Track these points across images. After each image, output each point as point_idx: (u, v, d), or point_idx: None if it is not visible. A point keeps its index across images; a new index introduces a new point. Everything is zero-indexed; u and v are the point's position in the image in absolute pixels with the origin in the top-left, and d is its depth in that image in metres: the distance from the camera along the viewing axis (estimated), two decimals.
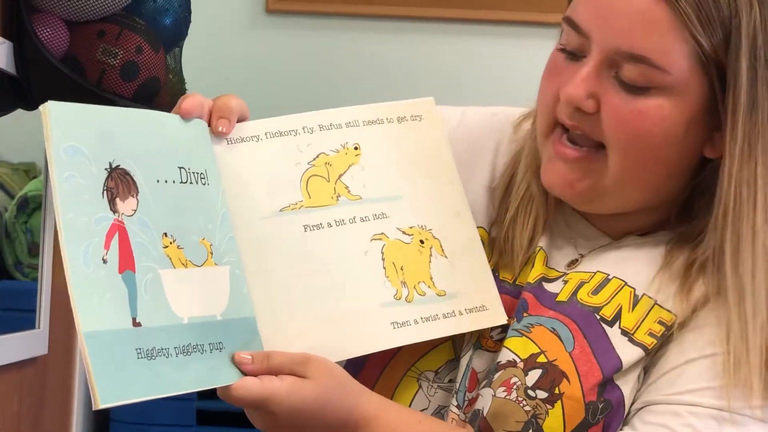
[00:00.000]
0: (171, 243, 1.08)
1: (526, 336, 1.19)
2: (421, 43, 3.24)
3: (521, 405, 1.15)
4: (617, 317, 1.18)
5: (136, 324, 1.03)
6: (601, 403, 1.15)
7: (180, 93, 2.01)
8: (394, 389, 1.24)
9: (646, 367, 1.18)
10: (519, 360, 1.17)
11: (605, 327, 1.18)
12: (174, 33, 1.96)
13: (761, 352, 1.12)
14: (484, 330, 1.23)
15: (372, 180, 1.22)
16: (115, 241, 1.03)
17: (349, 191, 1.21)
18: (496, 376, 1.18)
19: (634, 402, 1.17)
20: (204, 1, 2.31)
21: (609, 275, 1.21)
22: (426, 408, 1.24)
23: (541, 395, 1.15)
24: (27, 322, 2.05)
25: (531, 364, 1.17)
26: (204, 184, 1.13)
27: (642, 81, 1.14)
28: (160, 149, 1.10)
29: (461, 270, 1.23)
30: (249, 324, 1.12)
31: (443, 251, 1.23)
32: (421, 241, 1.22)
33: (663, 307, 1.18)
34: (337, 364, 1.14)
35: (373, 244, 1.20)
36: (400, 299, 1.19)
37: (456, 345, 1.24)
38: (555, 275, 1.24)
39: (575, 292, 1.21)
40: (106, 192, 1.04)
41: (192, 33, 2.03)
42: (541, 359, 1.17)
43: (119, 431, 2.76)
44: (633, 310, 1.19)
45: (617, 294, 1.20)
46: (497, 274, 1.26)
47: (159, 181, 1.09)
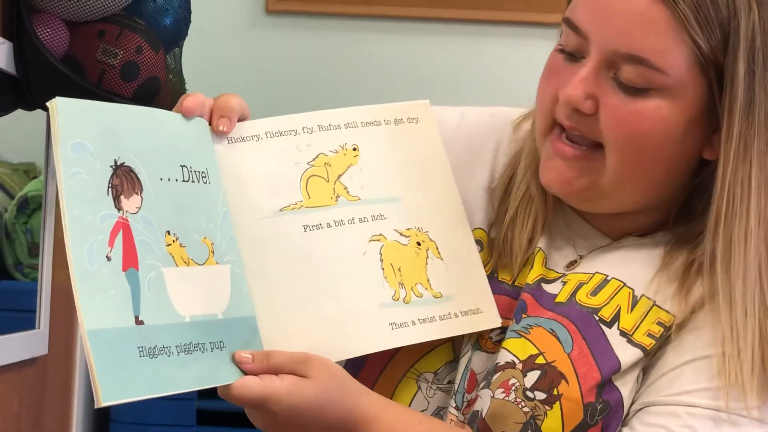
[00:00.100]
0: (174, 241, 1.08)
1: (524, 337, 1.19)
2: (421, 44, 3.24)
3: (520, 406, 1.15)
4: (616, 318, 1.18)
5: (138, 322, 1.02)
6: (600, 404, 1.15)
7: (180, 93, 2.01)
8: (393, 390, 1.24)
9: (644, 368, 1.18)
10: (518, 361, 1.17)
11: (604, 328, 1.18)
12: (174, 33, 1.96)
13: (753, 353, 1.12)
14: (483, 331, 1.23)
15: (370, 181, 1.22)
16: (119, 239, 1.03)
17: (348, 192, 1.21)
18: (494, 377, 1.18)
19: (633, 403, 1.17)
20: (204, 2, 2.31)
21: (608, 276, 1.21)
22: (425, 409, 1.23)
23: (540, 396, 1.15)
24: (27, 322, 2.05)
25: (530, 365, 1.17)
26: (205, 183, 1.13)
27: (640, 82, 1.14)
28: (162, 147, 1.10)
29: (457, 272, 1.23)
30: (249, 323, 1.12)
31: (439, 253, 1.23)
32: (418, 243, 1.22)
33: (662, 308, 1.18)
34: (337, 363, 1.14)
35: (372, 245, 1.20)
36: (398, 300, 1.19)
37: (455, 346, 1.24)
38: (554, 276, 1.24)
39: (574, 293, 1.21)
40: (110, 189, 1.04)
41: (192, 33, 2.03)
42: (540, 360, 1.17)
43: (119, 431, 2.76)
44: (632, 311, 1.19)
45: (616, 295, 1.20)
46: (496, 274, 1.26)
47: (162, 179, 1.09)
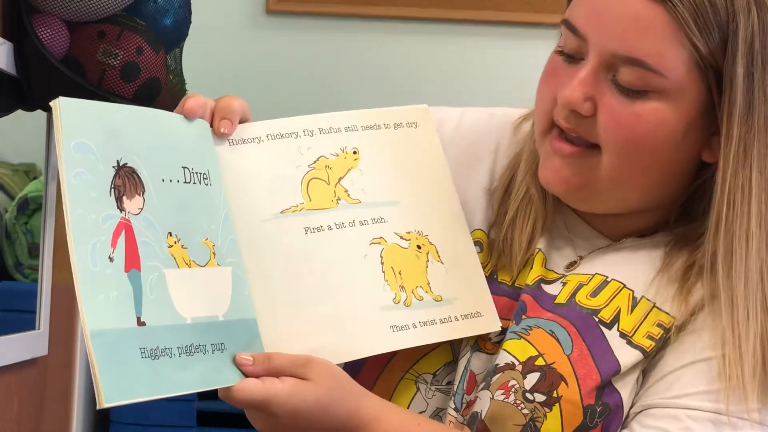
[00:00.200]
0: (175, 242, 1.08)
1: (524, 338, 1.19)
2: (421, 44, 3.23)
3: (519, 408, 1.15)
4: (616, 319, 1.18)
5: (140, 323, 1.02)
6: (600, 407, 1.15)
7: (180, 93, 2.01)
8: (392, 391, 1.24)
9: (644, 370, 1.18)
10: (517, 363, 1.17)
11: (604, 329, 1.18)
12: (174, 33, 1.97)
13: (755, 355, 1.12)
14: None
15: (370, 184, 1.22)
16: (122, 240, 1.03)
17: (349, 195, 1.21)
18: (494, 378, 1.18)
19: (632, 405, 1.17)
20: (204, 2, 2.31)
21: (608, 277, 1.21)
22: (424, 410, 1.23)
23: (539, 398, 1.15)
24: (27, 323, 2.05)
25: (529, 367, 1.17)
26: (207, 184, 1.13)
27: (639, 84, 1.14)
28: (164, 148, 1.10)
29: (456, 276, 1.23)
30: (250, 325, 1.12)
31: (439, 257, 1.23)
32: (418, 246, 1.23)
33: (662, 310, 1.18)
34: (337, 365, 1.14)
35: (372, 247, 1.20)
36: (398, 303, 1.19)
37: (454, 347, 1.24)
38: (554, 277, 1.24)
39: (574, 294, 1.21)
40: (113, 190, 1.04)
41: (192, 33, 2.03)
42: (540, 362, 1.17)
43: None
44: (632, 312, 1.19)
45: (616, 296, 1.20)
46: (496, 276, 1.26)
47: (164, 180, 1.09)
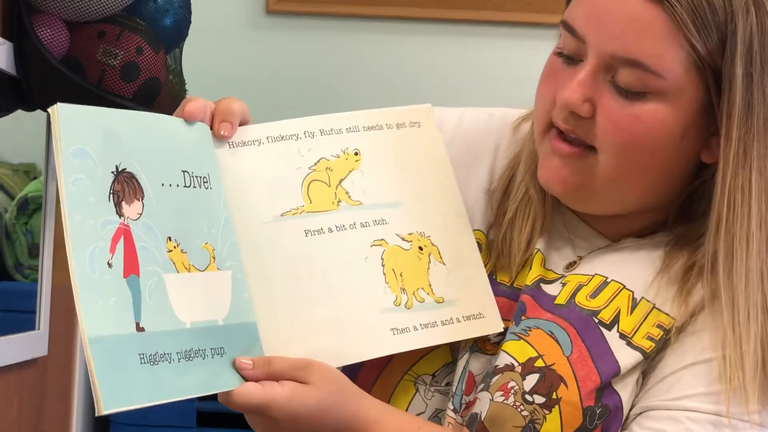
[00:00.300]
0: (175, 247, 1.08)
1: (524, 339, 1.19)
2: (421, 44, 3.23)
3: (519, 410, 1.15)
4: (615, 321, 1.18)
5: (139, 329, 1.02)
6: (599, 408, 1.15)
7: (180, 94, 2.01)
8: (391, 392, 1.23)
9: (644, 372, 1.18)
10: (517, 364, 1.17)
11: (603, 331, 1.18)
12: (174, 33, 1.97)
13: (756, 357, 1.12)
14: None
15: (372, 186, 1.22)
16: (121, 245, 1.03)
17: (350, 197, 1.21)
18: (493, 380, 1.18)
19: (632, 407, 1.17)
20: (204, 2, 2.31)
21: (607, 278, 1.21)
22: (423, 412, 1.23)
23: (539, 400, 1.15)
24: (27, 323, 2.05)
25: (529, 368, 1.16)
26: (207, 188, 1.13)
27: (638, 86, 1.13)
28: (164, 152, 1.10)
29: (459, 277, 1.23)
30: (250, 329, 1.12)
31: (441, 258, 1.23)
32: (420, 248, 1.22)
33: (662, 311, 1.18)
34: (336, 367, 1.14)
35: (373, 249, 1.20)
36: (399, 305, 1.19)
37: (453, 348, 1.24)
38: (553, 277, 1.24)
39: (573, 294, 1.21)
40: (112, 195, 1.04)
41: (192, 34, 2.03)
42: (539, 363, 1.17)
43: None
44: (631, 313, 1.18)
45: (616, 297, 1.20)
46: (495, 276, 1.26)
47: (164, 185, 1.08)
